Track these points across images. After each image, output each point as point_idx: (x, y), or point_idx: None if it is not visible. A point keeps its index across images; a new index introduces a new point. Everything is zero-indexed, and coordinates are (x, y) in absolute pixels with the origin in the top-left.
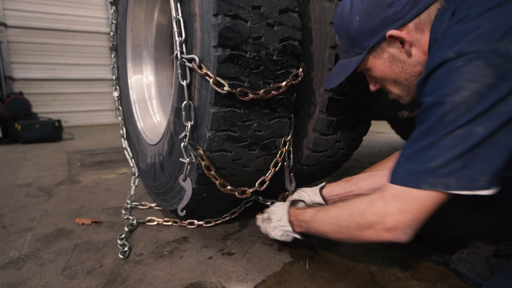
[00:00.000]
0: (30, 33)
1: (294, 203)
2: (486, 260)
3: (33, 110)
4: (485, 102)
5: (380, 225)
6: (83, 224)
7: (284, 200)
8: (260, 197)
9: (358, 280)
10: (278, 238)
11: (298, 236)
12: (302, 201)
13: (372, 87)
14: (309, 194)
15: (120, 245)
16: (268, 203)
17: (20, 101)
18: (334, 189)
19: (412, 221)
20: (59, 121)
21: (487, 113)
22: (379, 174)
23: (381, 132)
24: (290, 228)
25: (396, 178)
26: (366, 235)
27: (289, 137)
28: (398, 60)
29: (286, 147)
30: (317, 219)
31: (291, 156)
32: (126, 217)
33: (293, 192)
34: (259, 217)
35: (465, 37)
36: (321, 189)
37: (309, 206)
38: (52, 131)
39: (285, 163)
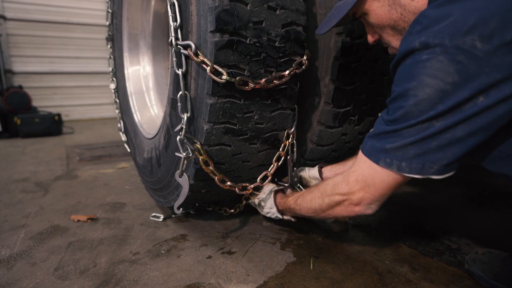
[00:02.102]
0: (29, 26)
1: (278, 191)
2: (504, 261)
3: (33, 104)
4: (447, 102)
5: (347, 202)
6: (78, 221)
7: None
8: (276, 179)
9: (366, 282)
10: (274, 218)
11: (291, 219)
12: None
13: (370, 38)
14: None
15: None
16: (285, 184)
17: (19, 95)
18: (333, 168)
19: (373, 199)
20: (59, 115)
21: (448, 112)
22: None
23: None
24: (280, 216)
25: (364, 148)
26: (338, 211)
27: (292, 130)
28: (398, 4)
29: (289, 140)
30: (298, 205)
31: (295, 150)
32: None
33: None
34: (252, 201)
35: (433, 25)
36: (320, 167)
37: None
38: (52, 125)
39: (288, 157)
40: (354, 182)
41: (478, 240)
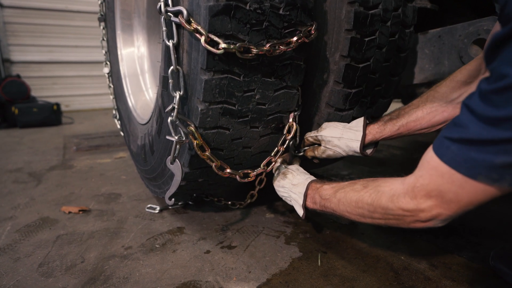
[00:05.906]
0: (27, 14)
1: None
2: None
3: (33, 94)
4: None
5: (411, 219)
6: (69, 212)
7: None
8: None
9: (380, 280)
10: (280, 195)
11: (301, 212)
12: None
13: None
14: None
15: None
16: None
17: (17, 84)
18: (375, 130)
19: (451, 215)
20: (57, 104)
21: None
22: (435, 107)
23: None
24: (301, 201)
25: (445, 154)
26: (395, 224)
27: (298, 112)
28: None
29: (296, 124)
30: (336, 198)
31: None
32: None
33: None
34: (277, 165)
35: None
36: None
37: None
38: (50, 115)
39: (291, 143)
40: (425, 198)
41: (501, 234)
